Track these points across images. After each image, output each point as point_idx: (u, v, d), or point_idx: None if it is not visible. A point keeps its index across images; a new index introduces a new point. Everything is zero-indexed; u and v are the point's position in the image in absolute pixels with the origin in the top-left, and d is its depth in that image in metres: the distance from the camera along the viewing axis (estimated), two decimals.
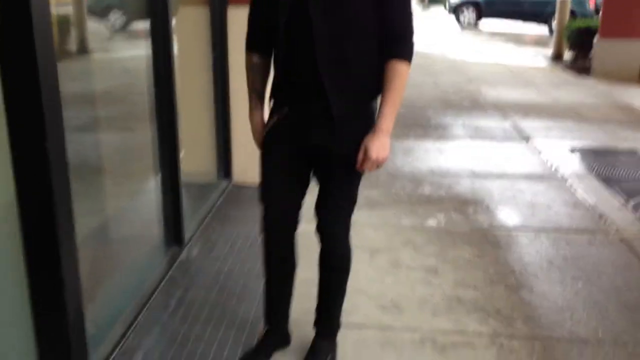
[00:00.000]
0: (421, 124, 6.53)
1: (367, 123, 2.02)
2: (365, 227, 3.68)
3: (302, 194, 2.21)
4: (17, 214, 1.85)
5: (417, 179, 4.64)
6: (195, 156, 4.01)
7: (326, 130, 2.02)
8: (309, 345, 2.35)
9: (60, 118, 1.85)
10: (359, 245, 3.36)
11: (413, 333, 2.56)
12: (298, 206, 2.21)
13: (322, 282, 2.29)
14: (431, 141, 5.82)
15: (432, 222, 3.78)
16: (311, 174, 2.18)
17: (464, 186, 4.50)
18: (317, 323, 2.35)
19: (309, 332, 2.37)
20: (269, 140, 2.13)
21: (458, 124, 6.55)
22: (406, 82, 2.01)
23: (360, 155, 2.00)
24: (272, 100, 2.13)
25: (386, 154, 1.99)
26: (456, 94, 8.42)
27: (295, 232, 2.27)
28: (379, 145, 1.97)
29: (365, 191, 4.30)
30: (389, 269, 3.14)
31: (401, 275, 3.08)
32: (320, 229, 2.19)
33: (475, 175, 4.77)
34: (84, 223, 2.73)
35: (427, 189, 4.42)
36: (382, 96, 2.01)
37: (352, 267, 2.29)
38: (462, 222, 3.79)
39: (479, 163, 5.10)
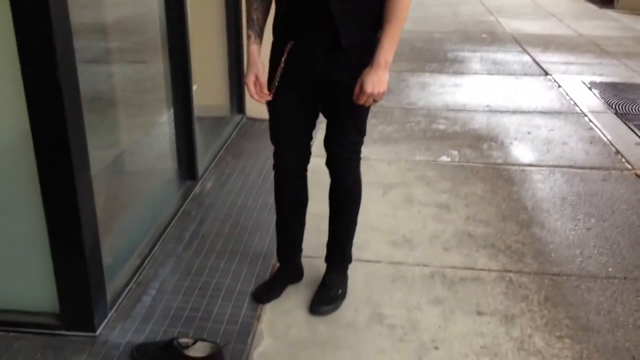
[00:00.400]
0: (438, 58, 6.40)
1: (372, 54, 1.97)
2: (379, 162, 3.67)
3: (312, 128, 2.20)
4: (31, 146, 1.87)
5: (432, 115, 4.59)
6: (208, 90, 3.98)
7: (332, 61, 1.98)
8: (320, 279, 2.39)
9: (72, 48, 1.83)
10: (372, 181, 3.38)
11: (423, 268, 2.59)
12: (308, 140, 2.21)
13: (333, 215, 2.31)
14: (447, 75, 5.72)
15: (446, 158, 3.76)
16: (318, 108, 2.15)
17: (480, 122, 4.44)
18: (328, 257, 2.39)
19: (321, 267, 2.41)
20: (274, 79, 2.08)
21: (476, 58, 6.42)
22: (407, 13, 1.95)
23: (357, 89, 1.97)
24: (275, 35, 2.07)
25: (383, 88, 1.95)
26: (475, 26, 8.21)
27: (307, 168, 2.27)
28: (375, 79, 1.94)
29: (379, 126, 4.28)
30: (402, 205, 3.15)
31: (413, 211, 3.09)
32: (330, 162, 2.19)
33: (491, 110, 4.70)
34: (98, 156, 2.75)
35: (441, 125, 4.37)
36: (382, 28, 1.95)
37: (364, 203, 2.31)
38: (476, 158, 3.76)
39: (495, 98, 5.02)
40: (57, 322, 2.11)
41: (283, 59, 2.03)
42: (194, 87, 3.23)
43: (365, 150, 3.80)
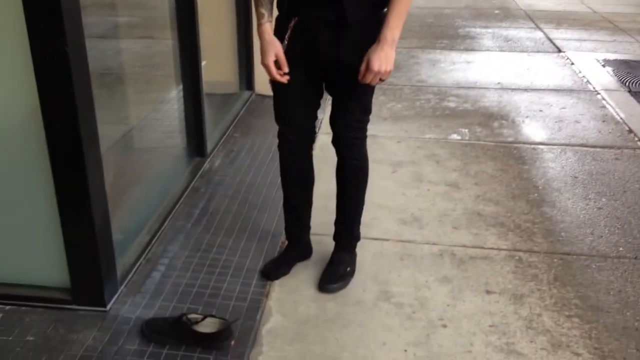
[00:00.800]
0: (449, 34, 6.32)
1: (377, 32, 1.93)
2: (388, 140, 3.65)
3: (316, 107, 2.18)
4: (41, 122, 1.87)
5: (442, 92, 4.55)
6: (217, 66, 3.95)
7: (336, 37, 1.95)
8: (329, 257, 2.39)
9: (80, 22, 1.81)
10: (382, 159, 3.37)
11: (432, 246, 2.59)
12: (313, 120, 2.19)
13: (340, 194, 2.30)
14: (458, 52, 5.65)
15: (456, 136, 3.73)
16: (323, 86, 2.13)
17: (491, 99, 4.40)
18: (336, 235, 2.38)
19: (330, 244, 2.41)
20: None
21: (487, 34, 6.33)
22: None
23: (363, 67, 1.94)
24: (279, 11, 2.03)
25: (390, 66, 1.92)
26: (487, 1, 8.09)
27: (312, 147, 2.26)
28: (382, 56, 1.90)
29: (389, 104, 4.25)
30: (411, 183, 3.13)
31: (423, 189, 3.08)
32: (336, 141, 2.18)
33: (502, 88, 4.65)
34: (108, 132, 2.75)
35: (452, 102, 4.33)
36: (389, 3, 1.91)
37: (373, 181, 2.30)
38: (487, 136, 3.73)
39: (507, 75, 4.96)
40: (68, 297, 2.12)
41: (286, 36, 2.00)
42: (203, 63, 3.20)
43: (374, 128, 3.79)
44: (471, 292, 2.29)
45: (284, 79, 2.03)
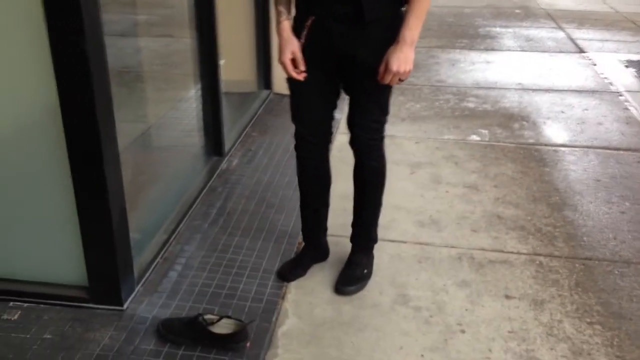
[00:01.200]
0: (469, 34, 6.26)
1: (395, 32, 1.91)
2: (407, 141, 3.62)
3: (333, 107, 2.16)
4: (60, 119, 1.87)
5: (461, 92, 4.50)
6: (235, 65, 3.94)
7: (353, 36, 1.93)
8: (346, 258, 2.37)
9: (99, 20, 1.81)
10: (400, 160, 3.34)
11: (451, 249, 2.55)
12: (329, 120, 2.17)
13: (357, 195, 2.28)
14: (478, 52, 5.59)
15: (475, 137, 3.69)
16: (340, 86, 2.11)
17: (511, 100, 4.35)
18: (354, 237, 2.36)
19: (347, 246, 2.39)
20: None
21: (508, 34, 6.26)
22: None
23: (382, 68, 1.92)
24: (297, 9, 2.02)
25: (409, 67, 1.90)
26: (508, 1, 8.00)
27: (328, 147, 2.24)
28: (401, 57, 1.88)
29: (407, 104, 4.22)
30: (429, 185, 3.10)
31: (441, 190, 3.04)
32: (353, 142, 2.16)
33: (523, 88, 4.60)
34: (126, 130, 2.75)
35: (471, 103, 4.28)
36: (408, 3, 1.89)
37: (391, 182, 2.27)
38: (507, 138, 3.69)
39: (528, 76, 4.90)
40: (86, 295, 2.13)
41: (303, 34, 1.98)
42: (222, 62, 3.20)
43: (393, 129, 3.76)
44: (490, 297, 2.26)
45: (301, 77, 2.01)
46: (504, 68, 5.10)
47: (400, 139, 3.64)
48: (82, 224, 2.02)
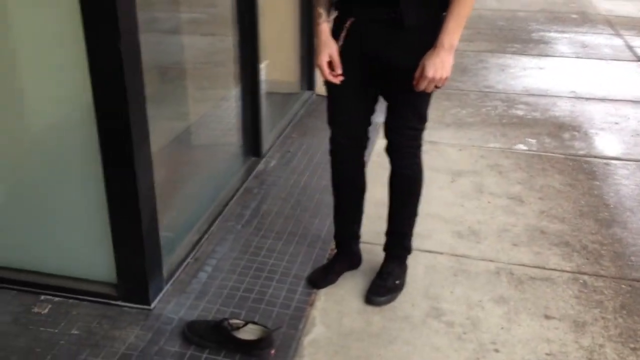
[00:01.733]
0: (521, 38, 6.08)
1: (435, 36, 1.84)
2: (450, 148, 3.52)
3: (370, 112, 2.11)
4: (94, 118, 1.87)
5: (510, 99, 4.36)
6: (279, 65, 3.93)
7: (391, 40, 1.87)
8: (379, 267, 2.30)
9: (135, 20, 1.80)
10: (441, 167, 3.24)
11: (489, 263, 2.45)
12: (366, 125, 2.12)
13: (392, 203, 2.21)
14: (530, 57, 5.42)
15: (522, 146, 3.56)
16: (378, 91, 2.05)
17: (562, 108, 4.18)
18: (387, 246, 2.29)
19: (380, 255, 2.32)
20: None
21: (563, 40, 6.05)
22: None
23: (418, 73, 1.85)
24: (338, 11, 1.97)
25: (446, 73, 1.83)
26: (565, 5, 7.75)
27: (364, 153, 2.18)
28: (438, 63, 1.81)
29: (452, 109, 4.11)
30: (470, 194, 3.00)
31: (483, 201, 2.93)
32: (389, 149, 2.09)
33: (576, 96, 4.42)
34: (168, 128, 2.75)
35: (520, 110, 4.14)
36: (449, 7, 1.81)
37: (430, 190, 2.20)
38: (556, 148, 3.54)
39: (581, 84, 4.71)
40: (114, 293, 2.13)
41: (341, 36, 1.93)
42: (265, 63, 3.18)
43: (436, 134, 3.67)
44: (528, 316, 2.15)
45: (337, 80, 1.97)
46: (557, 75, 4.92)
47: (443, 145, 3.54)
48: (112, 221, 2.02)
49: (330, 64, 1.97)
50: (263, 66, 3.17)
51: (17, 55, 1.91)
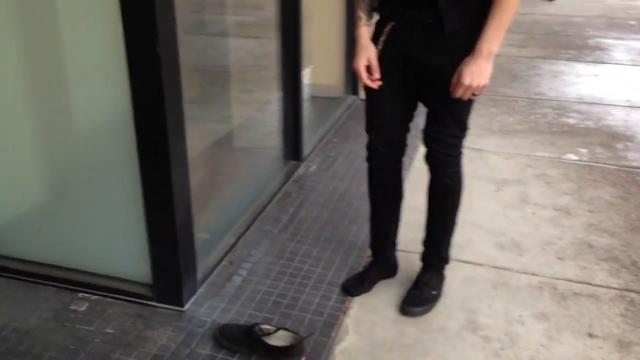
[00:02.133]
0: (576, 44, 5.89)
1: (476, 40, 1.78)
2: (495, 155, 3.42)
3: (409, 118, 2.06)
4: (132, 119, 1.89)
5: (562, 107, 4.22)
6: (324, 69, 3.92)
7: (431, 45, 1.83)
8: (415, 277, 2.25)
9: (173, 23, 1.82)
10: (485, 175, 3.16)
11: (531, 277, 2.36)
12: (404, 132, 2.07)
13: (430, 212, 2.15)
14: (585, 64, 5.24)
15: (572, 156, 3.43)
16: (418, 98, 2.00)
17: (617, 118, 4.01)
18: (424, 256, 2.24)
19: (417, 263, 2.27)
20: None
21: (620, 47, 5.83)
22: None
23: (454, 79, 1.80)
24: (379, 15, 1.95)
25: (484, 81, 1.77)
26: (624, 11, 7.47)
27: (401, 159, 2.13)
28: (475, 70, 1.75)
29: (499, 116, 4.01)
30: (515, 204, 2.90)
31: (527, 212, 2.84)
32: (428, 157, 2.04)
33: (632, 105, 4.24)
34: (211, 130, 2.78)
35: (572, 119, 4.00)
36: (489, 14, 1.75)
37: (472, 199, 2.14)
38: (608, 159, 3.39)
39: (637, 92, 4.51)
40: (149, 293, 2.15)
41: (381, 40, 1.90)
42: (310, 67, 3.17)
43: (481, 142, 3.58)
44: (571, 334, 2.06)
45: (375, 85, 1.93)
46: (613, 83, 4.74)
47: (488, 153, 3.45)
48: (148, 222, 2.04)
49: (369, 69, 1.94)
50: (307, 70, 3.16)
51: (62, 59, 1.96)
